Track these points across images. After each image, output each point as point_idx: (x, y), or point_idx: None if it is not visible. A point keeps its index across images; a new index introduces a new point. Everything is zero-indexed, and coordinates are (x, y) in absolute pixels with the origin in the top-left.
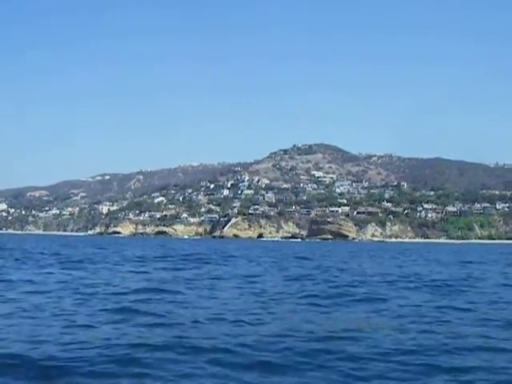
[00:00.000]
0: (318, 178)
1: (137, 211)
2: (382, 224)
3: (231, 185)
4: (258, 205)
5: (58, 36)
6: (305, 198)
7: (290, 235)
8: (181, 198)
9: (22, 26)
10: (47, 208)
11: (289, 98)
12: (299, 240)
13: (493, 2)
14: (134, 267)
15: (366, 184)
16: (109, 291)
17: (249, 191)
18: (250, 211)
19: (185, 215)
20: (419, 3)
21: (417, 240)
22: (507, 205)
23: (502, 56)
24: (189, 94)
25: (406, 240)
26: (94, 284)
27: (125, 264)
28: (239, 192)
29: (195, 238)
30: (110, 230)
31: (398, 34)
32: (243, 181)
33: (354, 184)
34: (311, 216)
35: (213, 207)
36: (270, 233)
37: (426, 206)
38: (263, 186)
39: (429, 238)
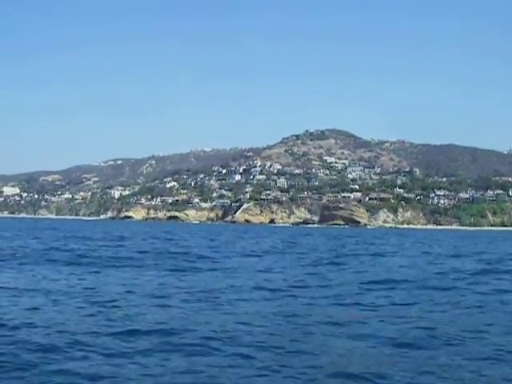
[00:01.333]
0: (330, 163)
1: (149, 196)
2: (394, 210)
3: (243, 170)
4: (269, 190)
5: (60, 13)
6: (317, 183)
7: (301, 221)
8: (193, 183)
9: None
10: (60, 192)
11: (301, 82)
12: (309, 226)
13: None
14: None
15: (378, 170)
16: None
17: (261, 176)
18: (261, 196)
19: (196, 200)
20: None
21: (429, 227)
22: None
23: None
24: (200, 77)
25: (418, 226)
26: None
27: None
28: (251, 177)
29: (207, 223)
30: (122, 214)
31: (411, 16)
32: (255, 166)
33: (366, 170)
34: (323, 202)
35: (224, 192)
36: (282, 218)
37: (438, 192)
38: (275, 171)
39: (441, 224)
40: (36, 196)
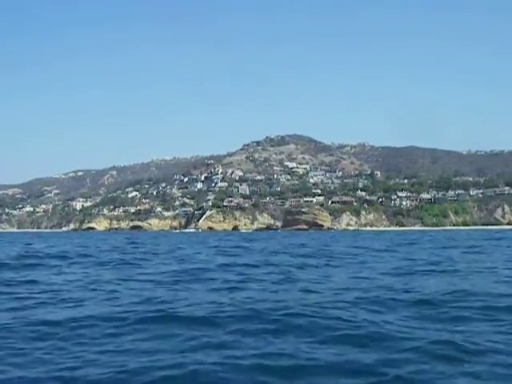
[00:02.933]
0: (291, 168)
1: (111, 206)
2: (357, 213)
3: (205, 178)
4: (232, 197)
5: (34, 26)
6: (279, 189)
7: (264, 226)
8: (155, 193)
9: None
10: (20, 206)
11: (260, 88)
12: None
13: None
14: None
15: (339, 174)
16: None
17: (222, 184)
18: (224, 203)
19: (159, 209)
20: None
21: (392, 228)
22: (481, 191)
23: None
24: (160, 84)
25: (382, 228)
26: None
27: None
28: (213, 185)
29: (172, 231)
30: (85, 226)
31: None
32: (217, 173)
33: (327, 174)
34: (286, 207)
35: (187, 200)
36: (245, 224)
37: (400, 194)
38: (237, 178)
39: (404, 225)
40: None
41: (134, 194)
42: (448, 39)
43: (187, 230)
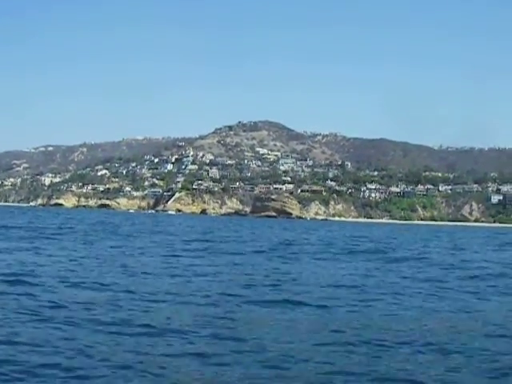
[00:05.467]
0: (262, 155)
1: (80, 184)
2: (326, 203)
3: (175, 159)
4: (201, 180)
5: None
6: (249, 174)
7: (233, 211)
8: (124, 172)
9: None
10: None
11: (235, 72)
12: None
13: None
14: None
15: (310, 162)
16: None
17: (193, 166)
18: (193, 186)
19: (128, 189)
20: None
21: (360, 220)
22: (450, 187)
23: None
24: (136, 64)
25: (349, 219)
26: None
27: None
28: (183, 167)
29: (140, 212)
30: (53, 201)
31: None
32: (187, 156)
33: (298, 162)
34: (255, 193)
35: (156, 181)
36: (214, 208)
37: (369, 186)
38: (207, 161)
39: (372, 217)
40: None
41: (104, 172)
42: (441, 30)
43: (150, 211)
